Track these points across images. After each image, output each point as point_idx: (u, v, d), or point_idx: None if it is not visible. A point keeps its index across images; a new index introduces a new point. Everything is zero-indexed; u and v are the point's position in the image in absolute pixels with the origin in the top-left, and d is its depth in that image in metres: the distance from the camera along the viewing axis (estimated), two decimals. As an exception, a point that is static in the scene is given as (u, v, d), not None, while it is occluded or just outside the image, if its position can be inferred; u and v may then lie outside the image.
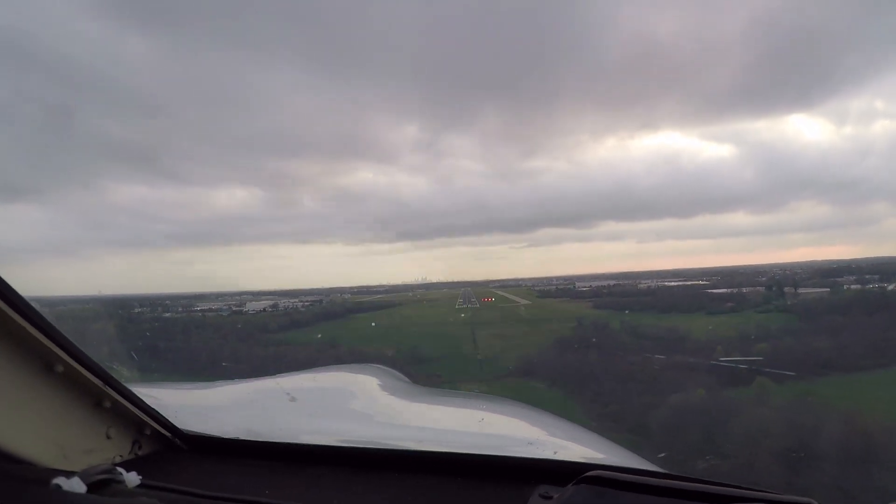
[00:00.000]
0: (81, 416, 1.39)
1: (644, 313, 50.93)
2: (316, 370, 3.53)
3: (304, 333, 45.25)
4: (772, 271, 76.61)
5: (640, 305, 57.70)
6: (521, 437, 2.25)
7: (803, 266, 78.84)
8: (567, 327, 43.30)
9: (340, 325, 52.16)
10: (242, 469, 1.55)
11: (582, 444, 2.22)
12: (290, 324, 51.51)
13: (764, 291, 57.63)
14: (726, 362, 24.91)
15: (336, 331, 47.95)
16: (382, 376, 3.28)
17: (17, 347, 1.20)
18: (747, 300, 54.16)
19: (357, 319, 56.83)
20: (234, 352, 30.81)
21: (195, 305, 53.77)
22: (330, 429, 2.19)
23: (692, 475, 1.25)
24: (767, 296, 56.08)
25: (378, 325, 51.84)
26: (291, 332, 45.91)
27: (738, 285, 64.86)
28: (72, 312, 2.65)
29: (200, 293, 61.31)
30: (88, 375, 1.34)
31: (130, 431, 1.53)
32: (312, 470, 1.54)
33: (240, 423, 1.87)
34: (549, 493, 1.26)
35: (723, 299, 56.07)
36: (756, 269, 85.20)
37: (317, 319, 55.88)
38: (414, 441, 2.04)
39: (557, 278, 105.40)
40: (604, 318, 48.62)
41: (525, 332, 43.03)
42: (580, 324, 45.16)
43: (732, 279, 71.88)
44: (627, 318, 47.45)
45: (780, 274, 72.70)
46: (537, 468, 1.42)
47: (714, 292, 62.56)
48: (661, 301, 57.50)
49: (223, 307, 55.79)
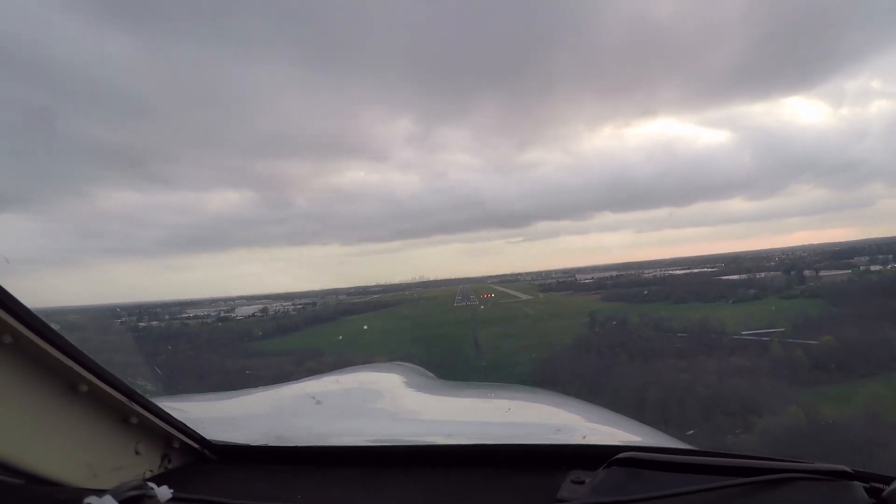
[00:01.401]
0: (109, 433, 1.39)
1: (659, 304, 46.86)
2: (339, 372, 3.42)
3: (286, 340, 42.35)
4: (775, 256, 74.95)
5: (652, 296, 54.66)
6: (550, 424, 2.21)
7: (806, 249, 77.60)
8: (579, 323, 38.60)
9: (330, 330, 49.41)
10: (273, 476, 1.55)
11: (611, 427, 2.16)
12: (275, 330, 48.73)
13: (784, 276, 55.02)
14: (808, 359, 20.19)
15: (324, 336, 45.25)
16: (406, 373, 3.23)
17: (39, 369, 1.22)
18: (768, 286, 51.99)
19: (349, 322, 54.00)
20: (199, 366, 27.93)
21: (183, 313, 51.80)
22: (357, 429, 2.15)
23: (723, 450, 1.26)
24: (789, 280, 53.40)
25: (370, 327, 48.56)
26: (275, 339, 43.13)
27: (748, 271, 62.52)
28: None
29: (195, 300, 59.77)
30: (113, 392, 1.35)
31: (159, 445, 1.53)
32: (342, 471, 1.54)
33: (267, 430, 1.84)
34: (581, 478, 1.25)
35: (740, 286, 53.21)
36: (758, 254, 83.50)
37: (306, 324, 53.47)
38: (441, 436, 2.05)
39: (556, 271, 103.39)
40: (617, 311, 44.14)
41: (532, 330, 38.19)
42: (593, 319, 40.55)
43: (740, 265, 69.77)
44: (644, 310, 42.75)
45: (790, 258, 70.70)
46: (567, 454, 1.41)
47: (727, 279, 60.04)
48: (674, 290, 54.34)
49: (210, 314, 54.17)
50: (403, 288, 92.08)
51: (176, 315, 49.98)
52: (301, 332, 48.12)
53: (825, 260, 59.65)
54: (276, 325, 50.39)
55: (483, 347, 34.27)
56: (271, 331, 47.51)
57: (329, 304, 66.43)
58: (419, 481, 1.42)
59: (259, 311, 57.90)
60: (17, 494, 1.16)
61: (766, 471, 1.11)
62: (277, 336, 44.68)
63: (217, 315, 53.63)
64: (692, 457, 1.23)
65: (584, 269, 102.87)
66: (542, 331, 37.80)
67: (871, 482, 1.09)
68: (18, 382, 1.20)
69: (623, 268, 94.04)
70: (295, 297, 67.68)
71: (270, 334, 45.61)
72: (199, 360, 29.33)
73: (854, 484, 1.07)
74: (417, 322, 50.73)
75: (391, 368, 3.51)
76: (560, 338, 33.64)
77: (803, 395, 19.57)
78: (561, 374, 23.76)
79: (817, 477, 1.09)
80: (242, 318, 54.37)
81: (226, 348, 39.33)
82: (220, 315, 54.12)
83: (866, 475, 1.11)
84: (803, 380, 21.63)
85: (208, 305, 57.28)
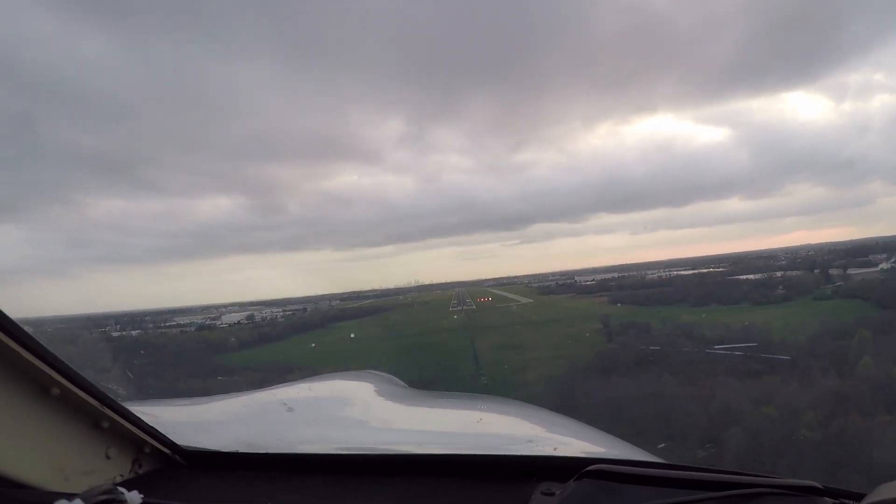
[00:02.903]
0: (80, 437, 1.41)
1: (676, 307, 41.44)
2: (312, 379, 3.43)
3: (261, 351, 38.21)
4: (779, 255, 73.06)
5: (664, 298, 50.58)
6: (521, 435, 2.20)
7: (811, 248, 75.34)
8: (591, 329, 33.38)
9: (315, 337, 45.44)
10: (243, 482, 1.58)
11: (582, 440, 2.16)
12: (255, 339, 45.08)
13: (809, 276, 50.68)
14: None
15: (304, 345, 41.55)
16: (378, 382, 3.21)
17: (11, 372, 1.25)
18: (797, 286, 47.07)
19: (336, 330, 50.72)
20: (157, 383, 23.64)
21: (170, 321, 50.16)
22: (328, 437, 2.18)
23: (693, 464, 1.29)
24: (816, 279, 49.22)
25: (358, 336, 44.59)
26: (250, 350, 39.43)
27: (759, 271, 59.27)
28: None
29: (186, 307, 59.91)
30: (85, 396, 1.37)
31: (130, 450, 1.55)
32: (313, 479, 1.56)
33: (238, 436, 1.87)
34: (552, 490, 1.27)
35: (763, 286, 48.98)
36: (760, 253, 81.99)
37: (290, 331, 49.81)
38: (413, 444, 2.07)
39: (553, 274, 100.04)
40: (630, 315, 38.98)
41: (539, 338, 32.89)
42: (606, 325, 35.05)
43: (749, 265, 66.79)
44: (662, 314, 37.29)
45: (797, 257, 68.33)
46: (538, 465, 1.44)
47: (744, 279, 55.82)
48: (688, 292, 49.96)
49: (194, 322, 52.19)
50: (398, 292, 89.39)
51: (161, 323, 48.34)
52: (283, 340, 44.93)
53: (838, 258, 56.87)
54: (257, 334, 47.08)
55: (483, 361, 28.61)
56: (250, 340, 44.08)
57: (320, 310, 64.44)
58: (390, 490, 1.45)
59: (245, 318, 55.22)
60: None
61: (737, 485, 1.13)
62: (256, 345, 41.59)
63: (200, 323, 51.84)
64: (663, 470, 1.25)
65: (582, 271, 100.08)
66: (551, 339, 32.48)
67: (841, 498, 1.11)
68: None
69: (621, 269, 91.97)
70: (288, 304, 65.69)
71: (249, 344, 42.33)
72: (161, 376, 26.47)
73: (824, 500, 1.09)
74: (410, 329, 47.45)
75: (363, 377, 3.46)
76: (574, 348, 28.31)
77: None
78: (586, 399, 17.98)
79: (787, 493, 1.11)
80: (226, 325, 52.07)
81: (191, 363, 34.11)
82: (203, 323, 52.28)
83: (836, 491, 1.12)
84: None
85: (200, 313, 56.40)
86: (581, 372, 23.31)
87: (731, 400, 16.59)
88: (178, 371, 27.98)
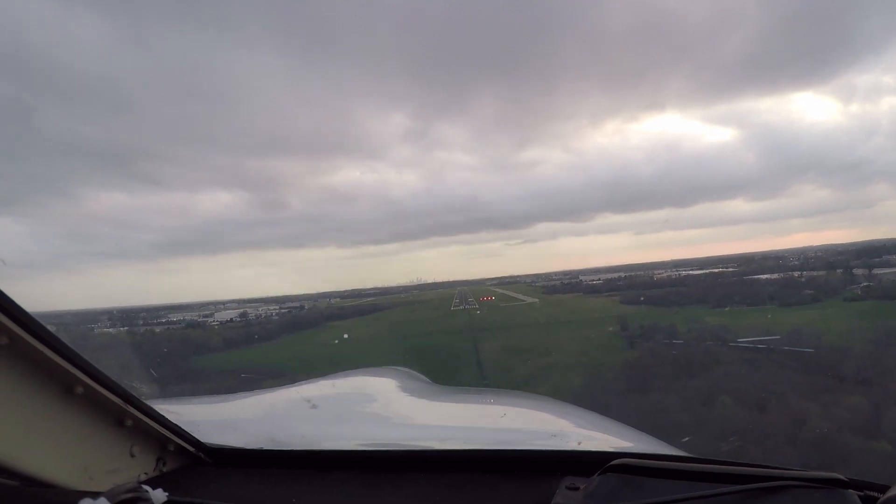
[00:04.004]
0: (104, 436, 1.44)
1: (698, 308, 38.20)
2: (335, 375, 3.46)
3: (243, 354, 35.38)
4: (788, 256, 69.89)
5: (681, 298, 47.92)
6: (545, 430, 2.23)
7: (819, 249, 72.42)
8: (608, 332, 29.48)
9: (307, 338, 42.73)
10: (267, 479, 1.59)
11: (605, 434, 2.17)
12: (241, 339, 42.08)
13: (835, 275, 47.69)
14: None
15: (295, 346, 38.80)
16: (401, 378, 3.27)
17: (35, 371, 1.27)
18: (824, 286, 43.96)
19: (330, 329, 47.25)
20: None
21: (165, 317, 47.12)
22: (352, 433, 2.19)
23: (717, 457, 1.31)
24: (842, 280, 46.28)
25: (351, 337, 40.62)
26: (232, 351, 36.44)
27: (771, 271, 56.48)
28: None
29: (184, 304, 56.57)
30: (109, 395, 1.40)
31: (154, 448, 1.57)
32: (336, 475, 1.58)
33: (262, 433, 1.89)
34: (576, 485, 1.28)
35: (788, 286, 46.12)
36: (768, 254, 79.25)
37: (281, 331, 46.68)
38: (436, 440, 2.10)
39: (557, 273, 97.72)
40: (650, 316, 35.28)
41: (549, 341, 29.57)
42: (624, 326, 31.39)
43: (762, 265, 63.38)
44: (683, 314, 34.04)
45: (813, 257, 64.58)
46: (562, 460, 1.46)
47: (763, 279, 52.93)
48: (706, 292, 48.70)
49: (185, 319, 49.14)
50: (400, 291, 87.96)
51: (152, 320, 45.79)
52: (271, 340, 42.38)
53: (851, 259, 54.80)
54: (244, 334, 44.51)
55: (488, 369, 25.06)
56: (235, 340, 41.33)
57: (319, 308, 62.72)
58: (414, 486, 1.47)
59: (238, 315, 53.47)
60: (12, 496, 1.21)
61: (761, 478, 1.15)
62: (241, 346, 39.05)
63: (189, 321, 49.11)
64: (687, 464, 1.26)
65: (585, 270, 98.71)
66: (563, 342, 29.15)
67: (866, 490, 1.12)
68: (14, 384, 1.23)
69: (626, 269, 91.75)
70: (288, 301, 64.26)
71: (234, 344, 39.66)
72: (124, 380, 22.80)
73: (848, 492, 1.10)
74: (408, 330, 44.59)
75: (386, 373, 3.50)
76: (592, 353, 24.92)
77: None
78: (621, 416, 14.52)
79: (812, 485, 1.12)
80: (217, 323, 49.74)
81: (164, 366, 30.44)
82: (193, 321, 49.66)
83: (861, 483, 1.13)
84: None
85: (198, 309, 54.41)
86: (606, 382, 19.79)
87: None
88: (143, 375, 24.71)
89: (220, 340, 39.64)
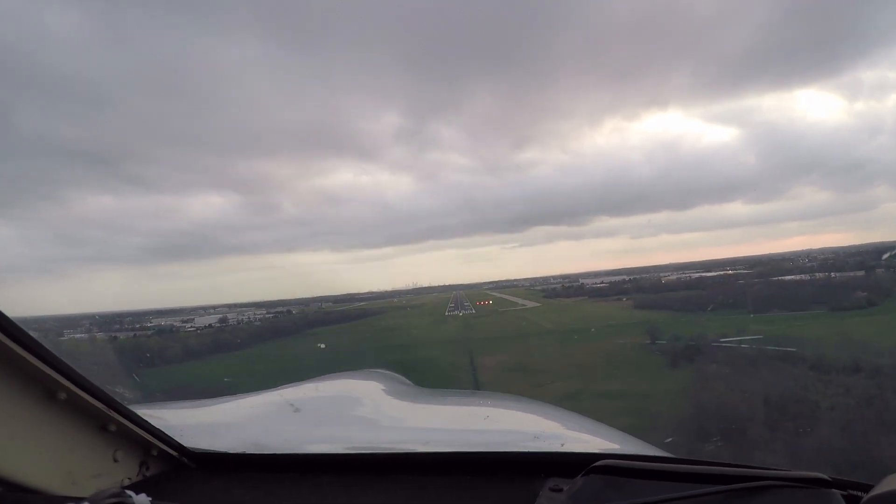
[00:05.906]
0: (87, 440, 1.46)
1: (735, 315, 32.05)
2: (318, 379, 3.33)
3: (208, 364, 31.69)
4: (796, 258, 64.64)
5: (705, 301, 41.92)
6: (528, 431, 2.21)
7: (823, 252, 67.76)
8: (636, 344, 22.92)
9: (283, 346, 38.33)
10: (250, 483, 1.61)
11: (589, 435, 2.17)
12: (208, 347, 37.54)
13: (887, 275, 41.56)
14: None
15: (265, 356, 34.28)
16: (384, 381, 3.21)
17: (17, 377, 1.29)
18: (878, 289, 37.65)
19: (312, 337, 43.24)
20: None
21: (146, 323, 44.55)
22: (335, 436, 2.19)
23: (700, 458, 1.35)
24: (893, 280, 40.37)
25: (329, 347, 35.74)
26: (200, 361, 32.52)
27: (789, 273, 51.78)
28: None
29: (169, 308, 54.51)
30: (91, 400, 1.42)
31: (137, 453, 1.59)
32: (320, 479, 1.60)
33: (245, 437, 1.91)
34: (559, 486, 1.31)
35: (836, 288, 40.59)
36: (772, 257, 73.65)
37: (255, 339, 42.64)
38: (420, 443, 2.08)
39: (555, 277, 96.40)
40: (681, 324, 29.03)
41: (561, 355, 23.32)
42: (655, 336, 25.12)
43: (777, 266, 58.30)
44: (720, 321, 28.36)
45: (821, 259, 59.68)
46: (545, 461, 1.47)
47: (796, 280, 47.54)
48: (734, 296, 46.50)
49: (162, 324, 46.02)
50: (394, 295, 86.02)
51: (136, 325, 43.59)
52: (242, 349, 37.98)
53: (870, 259, 50.69)
54: (212, 342, 40.29)
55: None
56: (200, 349, 36.71)
57: (305, 313, 59.70)
58: (398, 488, 1.50)
59: (218, 321, 50.54)
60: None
61: (745, 478, 1.16)
62: (206, 356, 34.82)
63: (161, 327, 45.82)
64: (670, 464, 1.28)
65: (583, 274, 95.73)
66: (580, 358, 23.02)
67: (849, 489, 1.15)
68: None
69: (625, 272, 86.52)
70: (278, 306, 62.38)
71: (198, 353, 35.41)
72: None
73: (832, 492, 1.12)
74: (396, 338, 39.53)
75: (369, 376, 3.48)
76: (627, 376, 18.55)
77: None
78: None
79: (795, 485, 1.13)
80: (193, 329, 46.70)
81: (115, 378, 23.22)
82: (167, 326, 46.54)
83: (844, 482, 1.15)
84: None
85: (188, 314, 52.73)
86: (666, 423, 12.84)
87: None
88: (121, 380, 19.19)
89: (179, 350, 35.93)
